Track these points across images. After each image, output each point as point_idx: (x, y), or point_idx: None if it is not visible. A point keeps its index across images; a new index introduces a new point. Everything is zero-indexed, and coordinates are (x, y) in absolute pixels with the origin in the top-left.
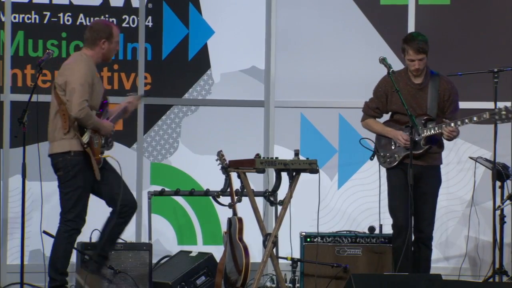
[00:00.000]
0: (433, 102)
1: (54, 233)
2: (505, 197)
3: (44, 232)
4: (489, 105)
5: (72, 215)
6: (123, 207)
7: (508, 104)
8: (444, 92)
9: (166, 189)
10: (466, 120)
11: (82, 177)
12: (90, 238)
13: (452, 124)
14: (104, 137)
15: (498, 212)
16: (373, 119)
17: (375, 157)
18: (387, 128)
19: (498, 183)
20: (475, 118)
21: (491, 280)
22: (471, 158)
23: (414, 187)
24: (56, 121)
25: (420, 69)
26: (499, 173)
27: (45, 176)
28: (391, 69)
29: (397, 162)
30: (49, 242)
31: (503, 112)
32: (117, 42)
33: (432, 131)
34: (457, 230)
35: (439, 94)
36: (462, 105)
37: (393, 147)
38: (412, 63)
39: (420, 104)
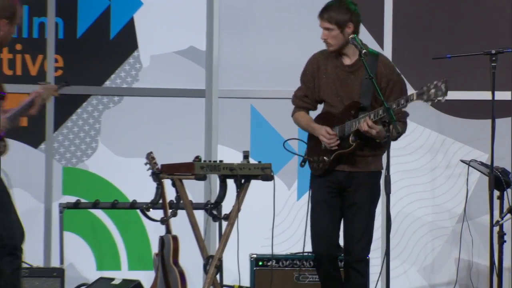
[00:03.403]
0: (367, 88)
1: None
2: (504, 210)
3: None
4: (487, 95)
5: None
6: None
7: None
8: (381, 77)
9: (82, 200)
10: (394, 105)
11: None
12: None
13: (372, 116)
14: None
15: (496, 229)
16: (303, 112)
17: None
18: (313, 124)
19: (496, 193)
20: (402, 101)
21: None
22: (462, 161)
23: (341, 199)
24: None
25: (329, 42)
26: (498, 180)
27: None
28: (364, 51)
29: (327, 166)
30: None
31: (432, 91)
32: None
33: (355, 125)
34: (445, 251)
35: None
36: (451, 95)
37: (323, 147)
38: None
39: (350, 91)
